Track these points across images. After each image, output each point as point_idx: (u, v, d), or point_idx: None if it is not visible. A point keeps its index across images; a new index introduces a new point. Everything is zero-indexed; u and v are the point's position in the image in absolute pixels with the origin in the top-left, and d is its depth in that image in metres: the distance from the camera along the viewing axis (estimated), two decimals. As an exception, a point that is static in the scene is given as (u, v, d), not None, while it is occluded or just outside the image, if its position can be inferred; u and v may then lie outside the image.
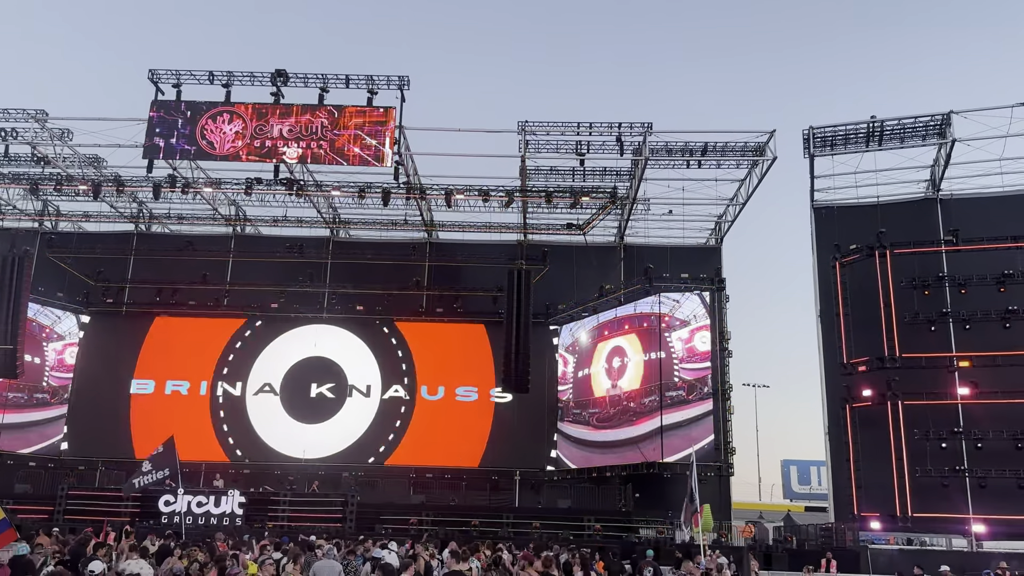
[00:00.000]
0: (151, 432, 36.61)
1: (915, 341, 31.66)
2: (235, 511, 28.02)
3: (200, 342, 38.77)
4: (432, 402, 38.16)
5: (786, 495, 56.79)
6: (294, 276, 38.32)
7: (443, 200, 35.05)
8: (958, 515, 30.26)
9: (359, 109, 33.47)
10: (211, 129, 33.44)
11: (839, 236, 33.96)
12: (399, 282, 38.27)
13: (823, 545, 28.26)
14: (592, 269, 38.11)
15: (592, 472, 35.25)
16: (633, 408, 34.43)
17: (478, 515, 31.07)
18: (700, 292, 33.81)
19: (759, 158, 33.97)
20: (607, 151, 34.36)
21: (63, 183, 35.23)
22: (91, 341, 39.13)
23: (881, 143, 33.78)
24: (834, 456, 33.34)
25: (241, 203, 39.06)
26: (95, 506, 28.42)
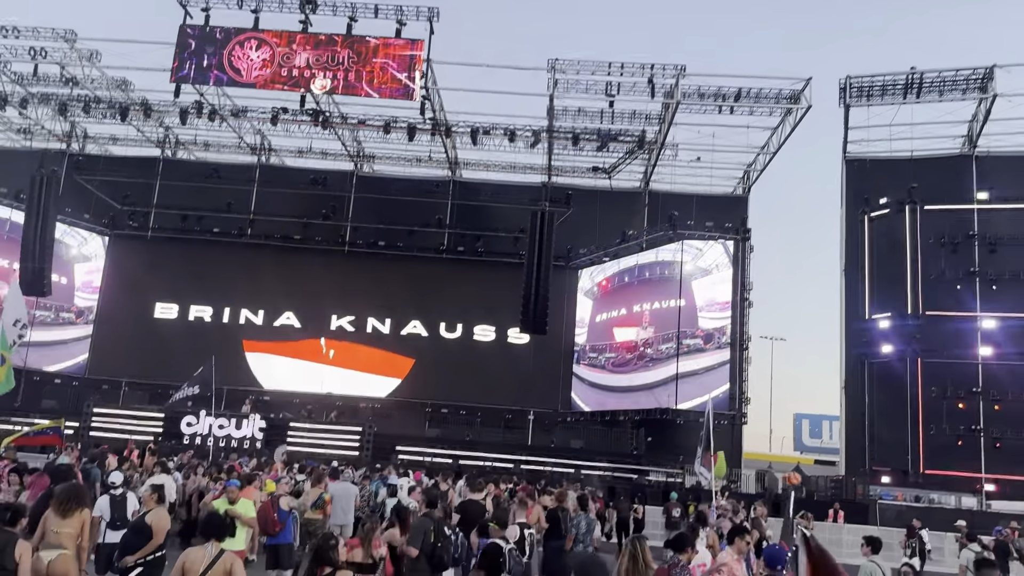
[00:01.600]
0: (174, 355, 37.25)
1: (939, 299, 31.41)
2: (255, 435, 28.58)
3: (224, 270, 39.10)
4: (450, 340, 38.46)
5: (796, 448, 57.09)
6: (317, 209, 38.37)
7: (468, 138, 34.78)
8: (970, 474, 30.36)
9: (387, 41, 33.01)
10: (238, 56, 33.17)
11: (869, 190, 33.49)
12: (421, 219, 38.21)
13: (832, 497, 28.51)
14: (615, 214, 37.83)
15: (605, 415, 35.57)
16: (649, 354, 34.52)
17: (491, 451, 31.52)
18: (724, 241, 33.53)
19: (793, 106, 33.25)
20: (637, 93, 33.72)
21: (91, 105, 35.23)
22: (116, 264, 39.60)
23: (919, 95, 32.97)
24: (848, 410, 33.40)
25: (266, 133, 38.96)
26: (118, 424, 29.09)
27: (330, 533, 8.98)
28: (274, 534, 11.39)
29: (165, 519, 8.78)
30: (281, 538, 11.50)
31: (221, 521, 7.29)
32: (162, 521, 8.68)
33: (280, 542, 11.48)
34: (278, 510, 11.55)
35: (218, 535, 6.95)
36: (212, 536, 6.96)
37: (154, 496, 9.09)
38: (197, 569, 6.65)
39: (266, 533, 11.37)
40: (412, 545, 8.95)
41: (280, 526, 11.44)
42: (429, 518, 9.31)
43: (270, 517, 11.34)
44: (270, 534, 11.37)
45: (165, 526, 8.56)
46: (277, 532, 11.41)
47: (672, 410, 32.14)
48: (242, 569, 6.69)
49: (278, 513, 11.49)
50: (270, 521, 11.33)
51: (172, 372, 36.23)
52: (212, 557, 6.68)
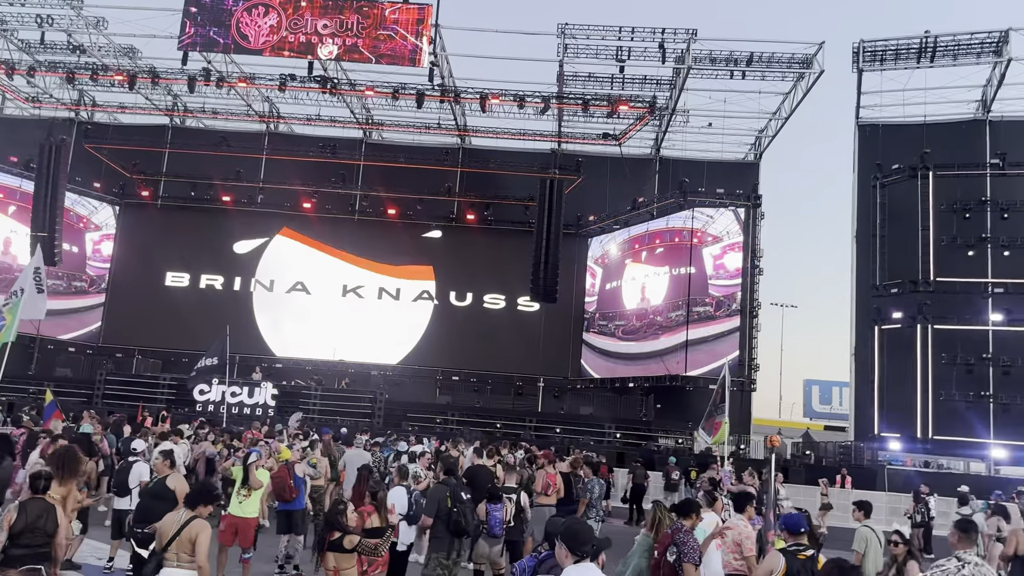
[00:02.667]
0: (185, 323, 37.56)
1: (951, 265, 31.30)
2: (268, 403, 28.86)
3: (235, 238, 39.22)
4: (460, 307, 38.59)
5: (806, 414, 57.19)
6: (326, 176, 38.30)
7: (477, 105, 34.55)
8: (979, 439, 30.47)
9: (396, 5, 32.71)
10: (246, 22, 32.95)
11: (882, 155, 33.21)
12: (431, 187, 38.10)
13: (840, 462, 28.68)
14: (626, 181, 37.61)
15: (615, 382, 35.73)
16: (659, 322, 34.57)
17: (502, 418, 31.77)
18: (735, 208, 33.36)
19: (805, 71, 32.87)
20: (648, 58, 33.44)
21: (98, 72, 35.12)
22: (127, 232, 39.77)
23: (933, 60, 32.54)
24: (858, 376, 33.47)
25: (275, 100, 38.78)
26: (132, 391, 29.41)
27: (340, 499, 9.14)
28: (290, 500, 11.57)
29: (183, 483, 8.90)
30: (296, 504, 11.71)
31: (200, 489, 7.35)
32: (182, 484, 8.80)
33: (294, 508, 11.69)
34: (294, 477, 11.73)
35: (190, 502, 6.99)
36: (186, 503, 7.03)
37: (166, 462, 9.19)
38: (168, 533, 6.77)
39: (282, 499, 11.55)
40: (426, 513, 9.06)
41: (296, 492, 11.63)
42: (445, 485, 9.29)
43: (288, 484, 11.51)
44: (286, 500, 11.55)
45: (185, 489, 8.69)
46: (293, 498, 11.60)
47: (682, 377, 32.26)
48: (207, 538, 6.76)
49: (294, 480, 11.68)
50: (288, 488, 11.50)
51: (184, 340, 36.69)
52: (181, 523, 6.76)
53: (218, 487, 11.73)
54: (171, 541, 6.72)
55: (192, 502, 7.00)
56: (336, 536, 7.76)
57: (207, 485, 8.05)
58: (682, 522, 7.41)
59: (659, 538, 7.40)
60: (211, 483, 10.80)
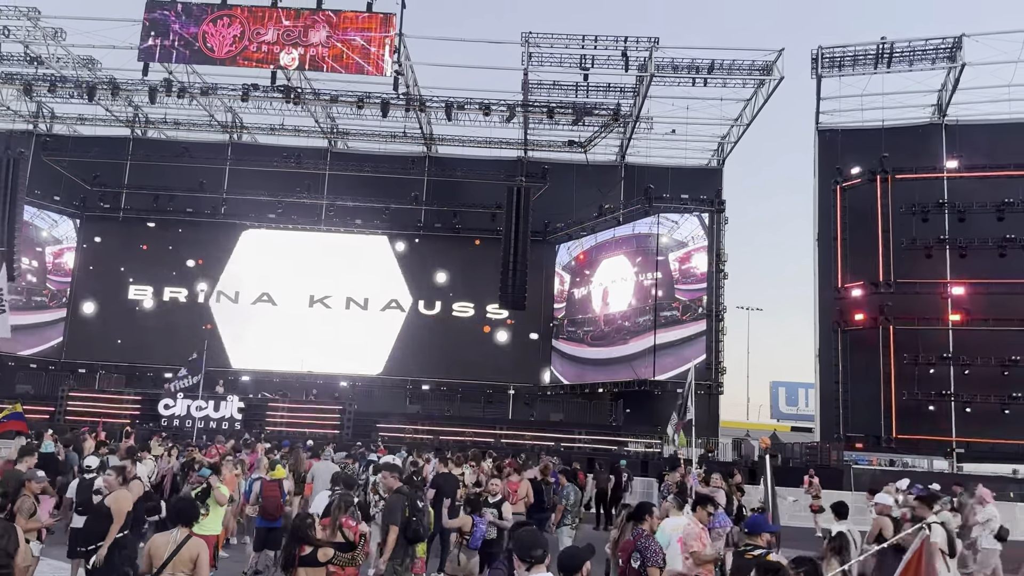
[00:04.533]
0: (149, 337, 37.05)
1: (910, 267, 31.89)
2: (234, 416, 28.53)
3: (198, 250, 38.75)
4: (429, 316, 38.47)
5: (773, 415, 57.91)
6: (291, 187, 38.07)
7: (443, 113, 34.58)
8: (942, 438, 31.02)
9: (358, 15, 32.66)
10: (211, 32, 32.70)
11: (842, 159, 33.78)
12: (397, 196, 38.02)
13: (807, 463, 28.98)
14: (592, 188, 37.87)
15: (585, 388, 35.87)
16: (627, 327, 34.78)
17: (473, 427, 31.69)
18: (699, 214, 33.73)
19: (766, 77, 33.35)
20: (612, 66, 33.72)
21: (57, 84, 34.58)
22: (88, 246, 39.11)
23: (890, 65, 33.20)
24: (823, 377, 33.93)
25: (238, 110, 38.45)
26: (95, 408, 28.90)
27: (306, 512, 9.06)
28: (277, 518, 11.48)
29: (124, 501, 8.69)
30: (279, 521, 11.63)
31: (189, 505, 7.25)
32: (121, 503, 8.60)
33: (278, 525, 11.58)
34: (283, 494, 11.66)
35: (186, 520, 6.85)
36: (180, 521, 6.85)
37: (119, 478, 9.03)
38: (162, 555, 6.56)
39: (270, 517, 11.40)
40: (391, 523, 9.14)
41: (283, 510, 11.55)
42: (402, 494, 9.52)
43: (279, 502, 11.44)
44: (274, 518, 11.43)
45: (124, 507, 8.52)
46: (280, 516, 11.53)
47: (650, 381, 32.48)
48: (207, 555, 6.66)
49: (283, 497, 11.62)
50: (280, 506, 11.44)
51: (148, 354, 36.22)
52: (178, 543, 6.59)
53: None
54: (167, 562, 6.54)
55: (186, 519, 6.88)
56: (308, 551, 7.68)
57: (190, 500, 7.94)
58: (640, 527, 7.46)
59: (623, 545, 7.46)
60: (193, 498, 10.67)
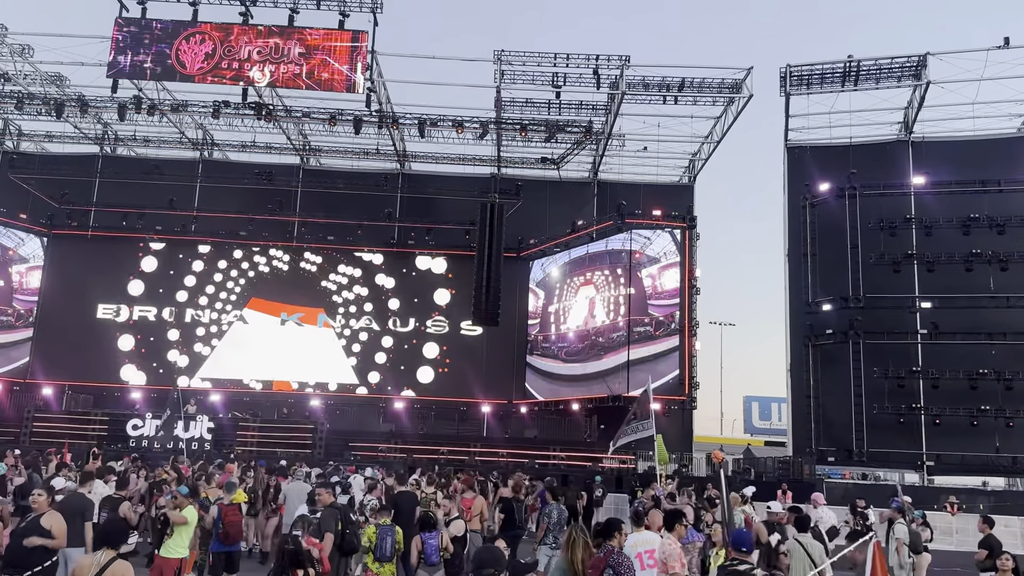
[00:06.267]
0: (119, 357, 36.52)
1: (879, 282, 32.28)
2: (204, 436, 28.15)
3: (167, 268, 38.29)
4: (402, 333, 38.28)
5: (747, 430, 58.20)
6: (263, 204, 37.74)
7: (416, 130, 34.59)
8: (912, 451, 31.32)
9: (330, 32, 32.65)
10: (184, 50, 32.51)
11: (810, 176, 34.23)
12: (370, 213, 37.87)
13: (780, 477, 29.11)
14: (565, 204, 38.02)
15: (559, 404, 35.80)
16: (601, 343, 34.83)
17: (446, 444, 31.52)
18: (671, 230, 33.94)
19: (735, 95, 33.79)
20: (584, 84, 34.00)
21: (24, 101, 34.15)
22: (56, 264, 38.48)
23: (857, 83, 33.75)
24: (795, 392, 34.15)
25: (209, 127, 38.20)
26: (62, 429, 28.38)
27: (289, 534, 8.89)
28: (237, 543, 11.37)
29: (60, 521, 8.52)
30: (237, 545, 11.51)
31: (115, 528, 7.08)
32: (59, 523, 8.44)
33: (236, 549, 11.46)
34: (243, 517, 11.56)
35: (112, 543, 6.66)
36: (106, 543, 6.66)
37: (48, 499, 8.83)
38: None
39: (232, 541, 11.26)
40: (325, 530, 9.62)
41: (243, 534, 11.47)
42: (335, 508, 10.24)
43: (240, 526, 11.33)
44: (234, 542, 11.31)
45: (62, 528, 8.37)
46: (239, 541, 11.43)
47: (624, 397, 32.47)
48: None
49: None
50: (240, 530, 11.33)
51: (116, 374, 35.64)
52: (101, 565, 6.40)
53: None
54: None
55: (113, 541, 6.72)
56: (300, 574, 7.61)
57: (119, 523, 7.74)
58: (610, 544, 7.41)
59: (592, 562, 7.39)
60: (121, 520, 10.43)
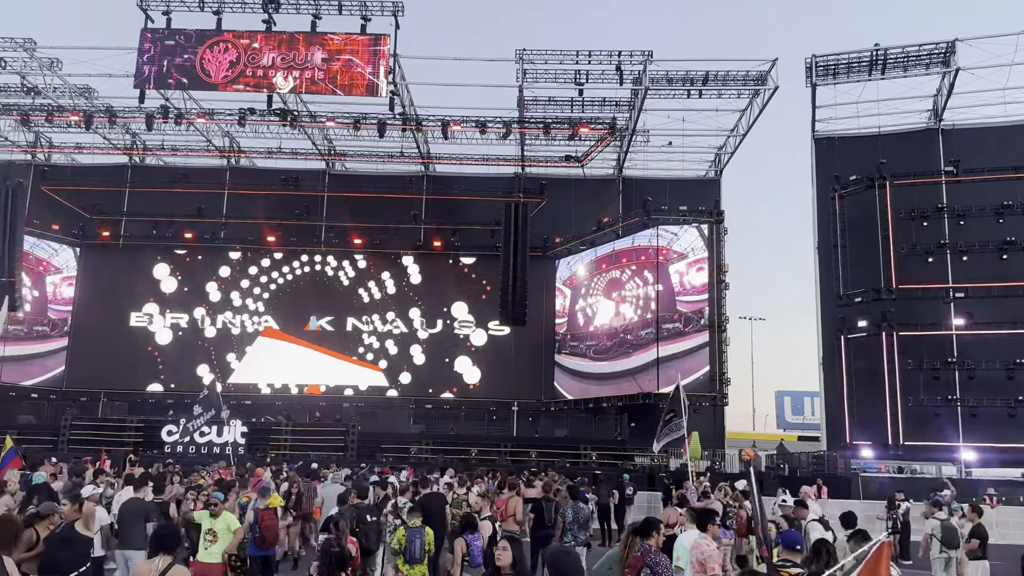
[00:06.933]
0: (152, 364, 36.99)
1: (912, 272, 31.78)
2: (237, 440, 28.36)
3: (197, 275, 38.76)
4: (430, 335, 38.39)
5: (780, 425, 57.53)
6: (290, 209, 38.05)
7: (440, 131, 34.67)
8: (949, 443, 30.80)
9: (353, 37, 32.81)
10: (209, 59, 32.88)
11: (839, 167, 33.75)
12: (396, 215, 38.03)
13: (814, 472, 28.80)
14: (590, 202, 37.88)
15: (588, 403, 35.69)
16: (630, 340, 34.67)
17: (477, 444, 31.52)
18: (698, 225, 33.71)
19: (760, 88, 33.45)
20: (606, 81, 33.91)
21: (54, 114, 34.74)
22: (89, 274, 39.11)
23: (884, 72, 33.27)
24: (827, 386, 33.75)
25: (235, 134, 38.56)
26: (98, 436, 28.79)
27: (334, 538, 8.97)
28: (273, 547, 11.43)
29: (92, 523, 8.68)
30: (273, 550, 11.56)
31: (169, 533, 7.15)
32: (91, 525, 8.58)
33: (272, 553, 11.52)
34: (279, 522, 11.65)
35: (166, 547, 6.73)
36: (162, 549, 6.73)
37: (75, 506, 8.92)
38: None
39: (269, 546, 11.32)
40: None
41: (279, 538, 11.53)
42: (355, 508, 10.75)
43: (276, 530, 11.39)
44: (271, 546, 11.36)
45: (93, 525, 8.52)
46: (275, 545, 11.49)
47: (654, 394, 32.30)
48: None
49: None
50: (276, 534, 11.39)
51: (150, 381, 36.10)
52: (159, 571, 6.46)
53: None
54: None
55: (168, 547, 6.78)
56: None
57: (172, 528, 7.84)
58: (647, 543, 7.35)
59: (630, 562, 7.34)
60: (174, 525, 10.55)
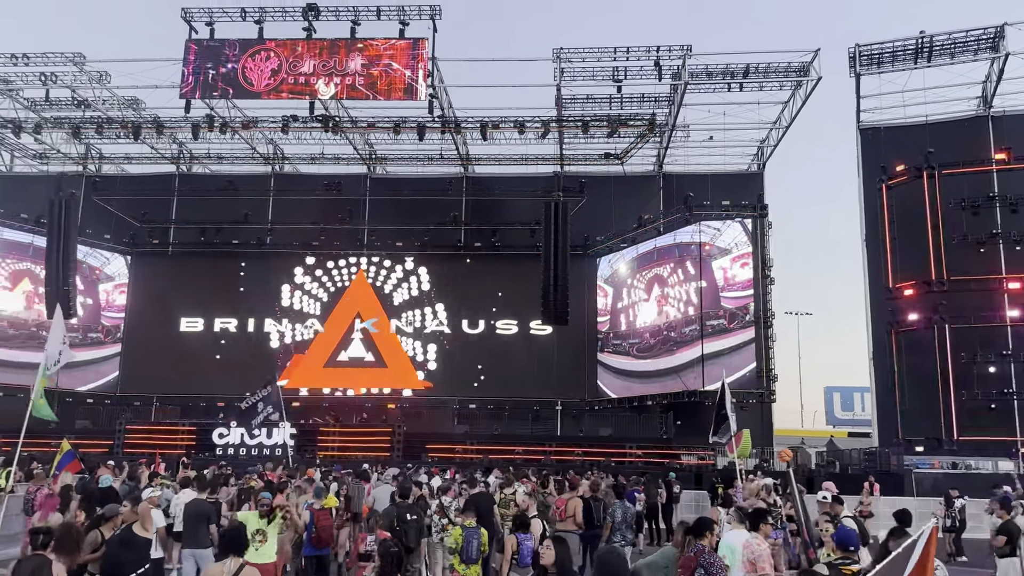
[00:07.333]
0: (202, 368, 37.70)
1: (963, 263, 31.07)
2: (286, 442, 28.79)
3: (245, 280, 39.44)
4: (473, 335, 38.55)
5: (829, 421, 56.72)
6: (333, 213, 38.52)
7: (478, 133, 34.79)
8: (1005, 437, 30.02)
9: (391, 42, 33.10)
10: (250, 67, 33.47)
11: (886, 157, 33.13)
12: (437, 217, 38.27)
13: (866, 469, 28.30)
14: (630, 199, 37.71)
15: (633, 401, 35.52)
16: (674, 337, 34.41)
17: (521, 444, 31.59)
18: (742, 220, 33.29)
19: (803, 79, 32.97)
20: (645, 76, 33.66)
21: (103, 125, 35.63)
22: (140, 281, 40.07)
23: (930, 59, 32.57)
24: (878, 381, 33.15)
25: (278, 141, 39.19)
26: (151, 439, 29.50)
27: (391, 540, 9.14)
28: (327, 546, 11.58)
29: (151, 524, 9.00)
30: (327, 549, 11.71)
31: (237, 534, 7.30)
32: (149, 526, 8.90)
33: (326, 553, 11.66)
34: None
35: (236, 549, 6.88)
36: (231, 551, 6.87)
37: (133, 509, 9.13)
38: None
39: (325, 545, 11.47)
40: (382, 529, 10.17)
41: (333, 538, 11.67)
42: (395, 506, 11.28)
43: (332, 530, 11.56)
44: (326, 546, 11.52)
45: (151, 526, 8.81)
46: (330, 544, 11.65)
47: (700, 392, 32.01)
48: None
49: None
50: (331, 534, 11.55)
51: (201, 385, 36.81)
52: (231, 573, 6.61)
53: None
54: None
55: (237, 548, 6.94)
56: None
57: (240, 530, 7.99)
58: (701, 543, 7.31)
59: (683, 562, 7.31)
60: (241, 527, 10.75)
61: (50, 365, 15.18)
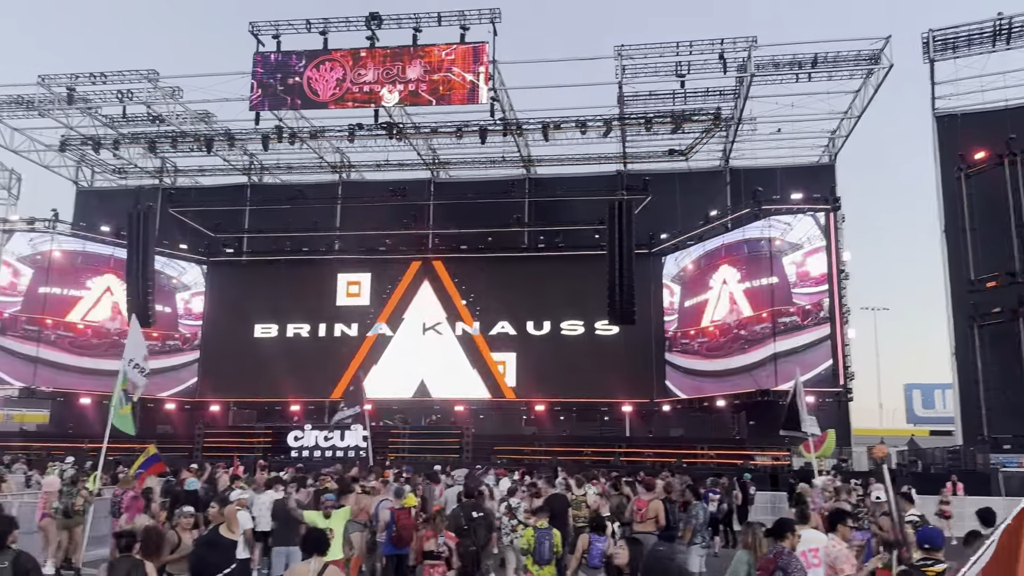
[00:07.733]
0: (277, 373, 38.55)
1: (1050, 253, 29.65)
2: (360, 444, 29.24)
3: (315, 287, 40.19)
4: (538, 336, 38.50)
5: (909, 420, 54.83)
6: (399, 219, 38.98)
7: (540, 134, 34.75)
8: (1100, 434, 28.56)
9: (452, 47, 33.34)
10: (315, 77, 34.13)
11: (964, 145, 31.86)
12: (500, 220, 38.35)
13: (949, 468, 27.32)
14: (696, 195, 37.13)
15: (703, 401, 34.95)
16: (744, 336, 33.73)
17: (590, 445, 31.41)
18: (813, 213, 32.42)
19: (874, 67, 31.98)
20: (709, 70, 33.08)
21: (178, 139, 36.81)
22: (215, 289, 41.27)
23: (1009, 41, 31.25)
24: (961, 377, 31.87)
25: (345, 150, 39.88)
26: (229, 443, 30.29)
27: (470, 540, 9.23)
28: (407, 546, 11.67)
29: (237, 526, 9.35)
30: (407, 548, 11.80)
31: (320, 535, 7.42)
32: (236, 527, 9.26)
33: (406, 552, 11.75)
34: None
35: (318, 549, 7.02)
36: (313, 551, 7.03)
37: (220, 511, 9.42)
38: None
39: (405, 544, 11.58)
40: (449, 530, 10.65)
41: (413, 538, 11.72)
42: (462, 507, 11.77)
43: (412, 530, 11.63)
44: (407, 545, 11.61)
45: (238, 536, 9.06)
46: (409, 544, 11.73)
47: (773, 391, 31.28)
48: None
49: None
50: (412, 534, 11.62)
51: (275, 389, 37.66)
52: (316, 572, 6.76)
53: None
54: None
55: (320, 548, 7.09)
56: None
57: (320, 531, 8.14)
58: (781, 544, 7.12)
59: (761, 563, 7.14)
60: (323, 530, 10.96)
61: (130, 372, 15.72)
